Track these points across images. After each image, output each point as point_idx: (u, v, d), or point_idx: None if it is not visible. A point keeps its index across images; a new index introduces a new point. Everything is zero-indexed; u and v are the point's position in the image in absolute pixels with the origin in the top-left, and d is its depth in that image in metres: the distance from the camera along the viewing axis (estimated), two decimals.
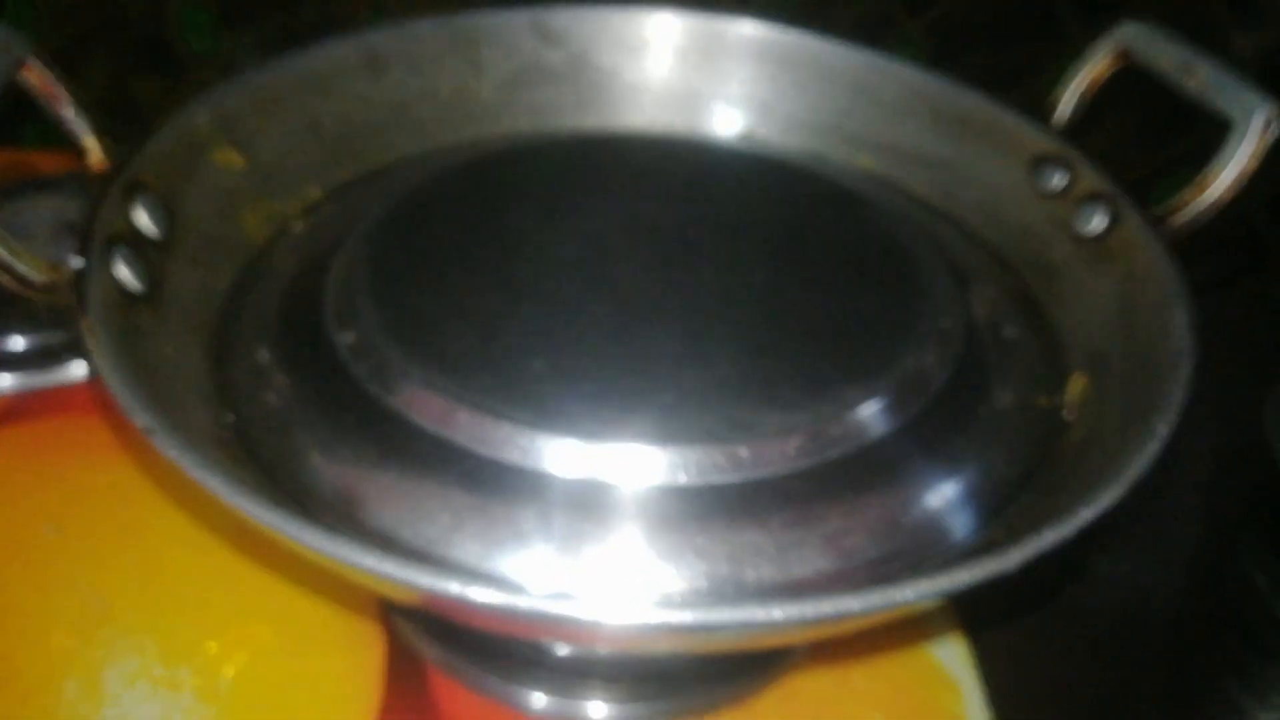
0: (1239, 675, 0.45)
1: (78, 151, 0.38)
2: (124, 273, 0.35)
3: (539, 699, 0.38)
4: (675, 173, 0.44)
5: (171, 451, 0.28)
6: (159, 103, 0.71)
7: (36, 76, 0.36)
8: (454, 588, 0.26)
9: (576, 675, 0.39)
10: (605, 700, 0.38)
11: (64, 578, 0.40)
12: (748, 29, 0.48)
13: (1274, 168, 0.39)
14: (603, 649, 0.38)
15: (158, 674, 0.38)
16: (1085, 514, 0.28)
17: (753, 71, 0.48)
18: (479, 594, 0.26)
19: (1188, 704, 0.45)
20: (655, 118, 0.49)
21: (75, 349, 0.44)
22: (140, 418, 0.29)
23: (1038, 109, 0.44)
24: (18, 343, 0.47)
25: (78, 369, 0.47)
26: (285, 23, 0.70)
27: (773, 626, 0.26)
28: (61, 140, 0.38)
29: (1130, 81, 0.42)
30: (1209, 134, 0.39)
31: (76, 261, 0.33)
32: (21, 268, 0.33)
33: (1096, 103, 0.44)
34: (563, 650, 0.38)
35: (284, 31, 0.70)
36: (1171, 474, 0.50)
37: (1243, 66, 0.39)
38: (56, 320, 0.33)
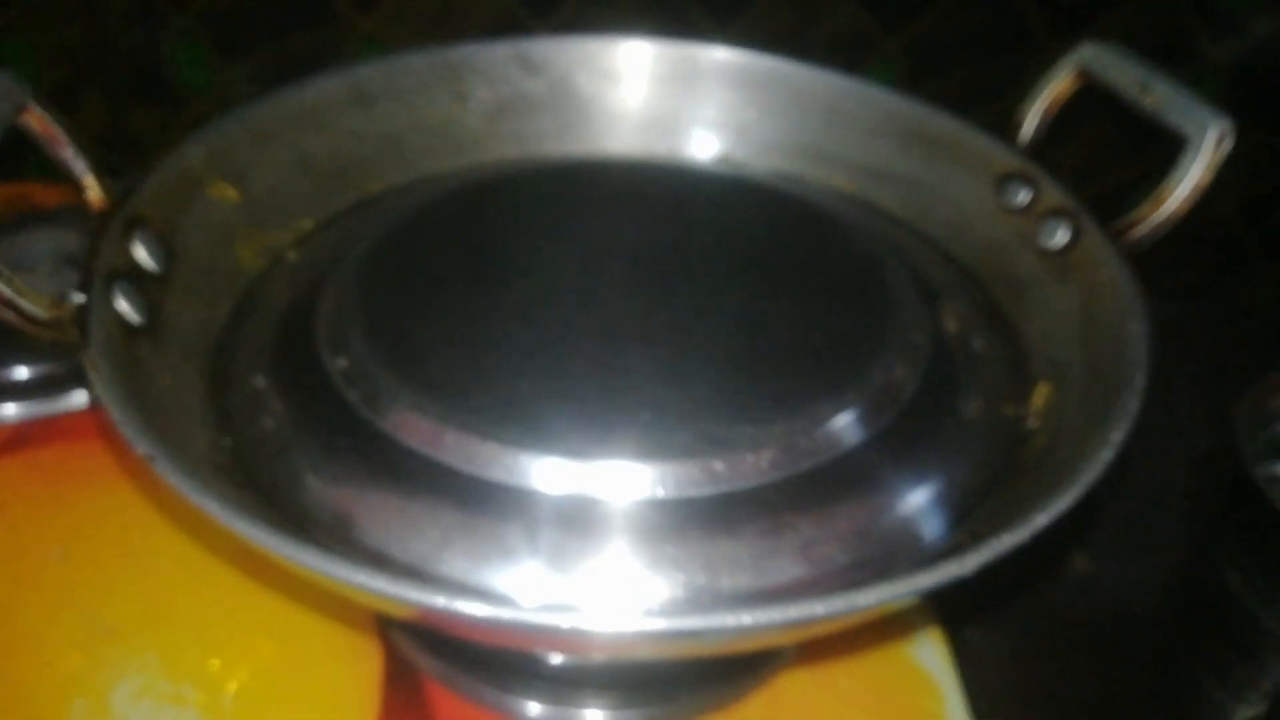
0: (1217, 673, 0.46)
1: (77, 188, 0.39)
2: (124, 306, 0.36)
3: (534, 707, 0.40)
4: (655, 196, 0.45)
5: (172, 477, 0.30)
6: (155, 134, 0.72)
7: (36, 120, 0.38)
8: (441, 601, 0.27)
9: (570, 683, 0.40)
10: (598, 707, 0.40)
11: (70, 600, 0.41)
12: (720, 55, 0.49)
13: (1251, 174, 0.40)
14: (584, 657, 0.39)
15: (163, 691, 0.39)
16: (1040, 519, 0.29)
17: (728, 96, 0.49)
18: (465, 606, 0.27)
19: (1167, 702, 0.46)
20: (635, 143, 0.50)
21: (78, 377, 0.45)
22: (142, 446, 0.30)
23: (1004, 127, 0.45)
24: (21, 372, 0.48)
25: (81, 397, 0.48)
26: (277, 54, 0.71)
27: (741, 632, 0.27)
28: (61, 173, 0.39)
29: (1105, 93, 0.43)
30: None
31: (79, 297, 0.34)
32: (26, 305, 0.34)
33: (1069, 117, 0.45)
34: (556, 660, 0.39)
35: (276, 62, 0.71)
36: (1153, 476, 0.51)
37: (1215, 76, 0.40)
38: (59, 350, 0.34)
